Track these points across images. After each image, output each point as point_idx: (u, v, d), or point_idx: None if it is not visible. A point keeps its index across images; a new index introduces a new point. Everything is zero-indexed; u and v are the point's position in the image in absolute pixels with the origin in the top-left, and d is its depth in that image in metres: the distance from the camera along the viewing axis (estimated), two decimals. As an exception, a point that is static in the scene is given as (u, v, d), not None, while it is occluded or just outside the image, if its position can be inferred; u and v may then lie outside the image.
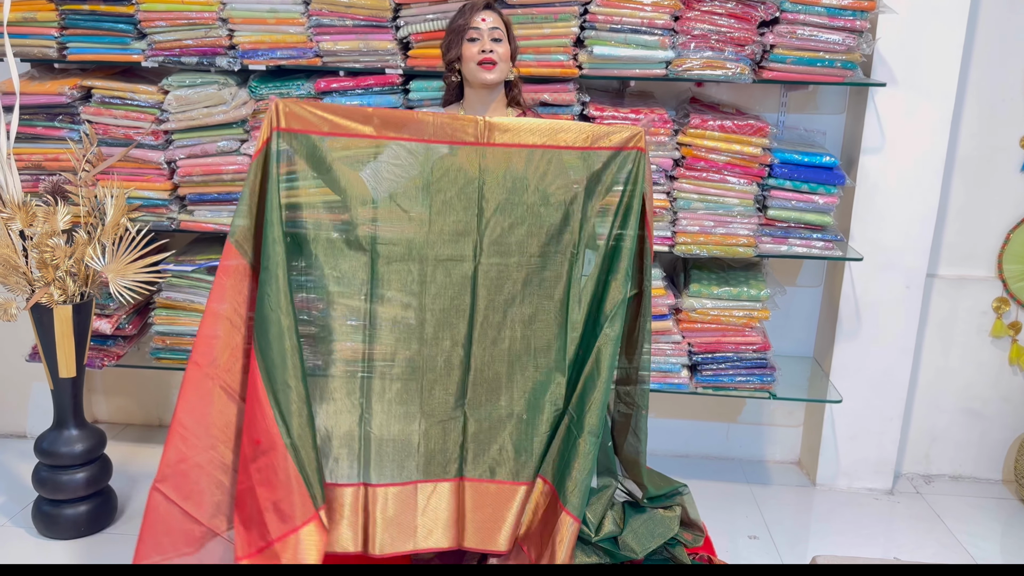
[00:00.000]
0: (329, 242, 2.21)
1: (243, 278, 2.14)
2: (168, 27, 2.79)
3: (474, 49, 2.36)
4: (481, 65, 2.36)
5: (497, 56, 2.36)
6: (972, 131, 3.08)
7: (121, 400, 3.52)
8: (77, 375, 2.69)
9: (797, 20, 2.68)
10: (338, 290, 2.23)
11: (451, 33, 2.41)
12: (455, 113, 2.40)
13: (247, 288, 2.15)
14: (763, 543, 2.83)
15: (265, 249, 2.09)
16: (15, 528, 2.78)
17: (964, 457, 3.32)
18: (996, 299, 3.20)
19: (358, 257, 2.23)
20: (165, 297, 2.97)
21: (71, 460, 2.69)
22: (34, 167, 2.92)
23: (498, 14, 2.41)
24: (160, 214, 2.94)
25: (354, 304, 2.24)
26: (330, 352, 2.25)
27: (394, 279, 2.24)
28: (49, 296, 2.59)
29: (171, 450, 2.12)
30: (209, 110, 2.82)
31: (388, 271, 2.24)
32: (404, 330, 2.26)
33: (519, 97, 2.51)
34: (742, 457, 3.39)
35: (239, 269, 2.13)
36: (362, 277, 2.23)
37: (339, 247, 2.22)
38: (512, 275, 2.28)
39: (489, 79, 2.37)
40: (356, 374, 2.25)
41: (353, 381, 2.25)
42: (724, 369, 2.93)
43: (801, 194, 2.82)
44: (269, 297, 2.08)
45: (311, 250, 2.20)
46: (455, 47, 2.40)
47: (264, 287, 2.09)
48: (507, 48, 2.40)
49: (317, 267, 2.21)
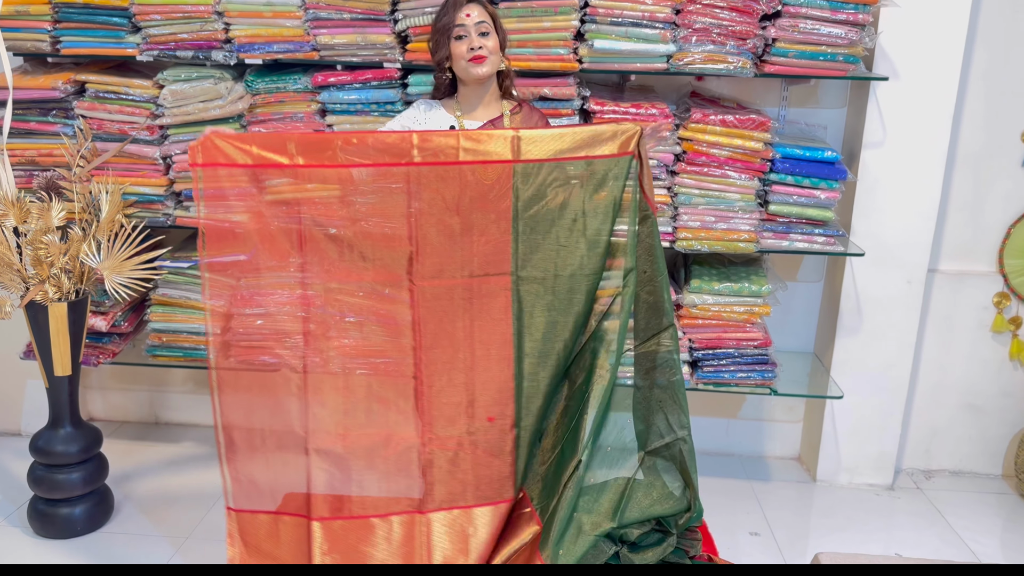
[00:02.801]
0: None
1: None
2: (163, 20, 2.75)
3: (463, 47, 2.35)
4: (472, 61, 2.35)
5: (487, 50, 2.35)
6: (974, 126, 3.07)
7: (117, 398, 3.49)
8: (72, 373, 2.66)
9: (799, 14, 2.66)
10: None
11: (437, 32, 2.38)
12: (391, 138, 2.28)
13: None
14: (764, 540, 2.82)
15: None
16: (11, 528, 2.76)
17: (965, 452, 3.32)
18: (997, 294, 3.19)
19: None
20: (161, 294, 2.95)
21: (67, 459, 2.67)
22: (28, 163, 2.89)
23: (482, 6, 2.38)
24: (155, 210, 2.91)
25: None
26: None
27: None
28: (44, 294, 2.57)
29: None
30: (205, 105, 2.79)
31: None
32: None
33: (512, 88, 2.50)
34: (742, 453, 3.39)
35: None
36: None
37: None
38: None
39: (481, 73, 2.36)
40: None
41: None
42: (725, 365, 2.92)
43: (803, 189, 2.80)
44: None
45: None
46: (443, 47, 2.38)
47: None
48: (495, 40, 2.38)
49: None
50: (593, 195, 2.25)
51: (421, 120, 2.47)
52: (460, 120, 2.45)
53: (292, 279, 2.21)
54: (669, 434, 2.42)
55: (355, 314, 2.23)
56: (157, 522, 2.80)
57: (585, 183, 2.24)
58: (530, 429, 2.32)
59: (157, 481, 3.05)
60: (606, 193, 2.25)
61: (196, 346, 2.96)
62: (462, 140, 2.18)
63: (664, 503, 2.42)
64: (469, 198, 2.19)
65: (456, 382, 2.27)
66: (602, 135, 2.23)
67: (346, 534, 2.26)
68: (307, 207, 2.17)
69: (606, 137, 2.23)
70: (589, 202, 2.25)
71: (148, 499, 2.94)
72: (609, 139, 2.23)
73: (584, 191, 2.25)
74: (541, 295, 2.27)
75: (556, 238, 2.26)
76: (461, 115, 2.46)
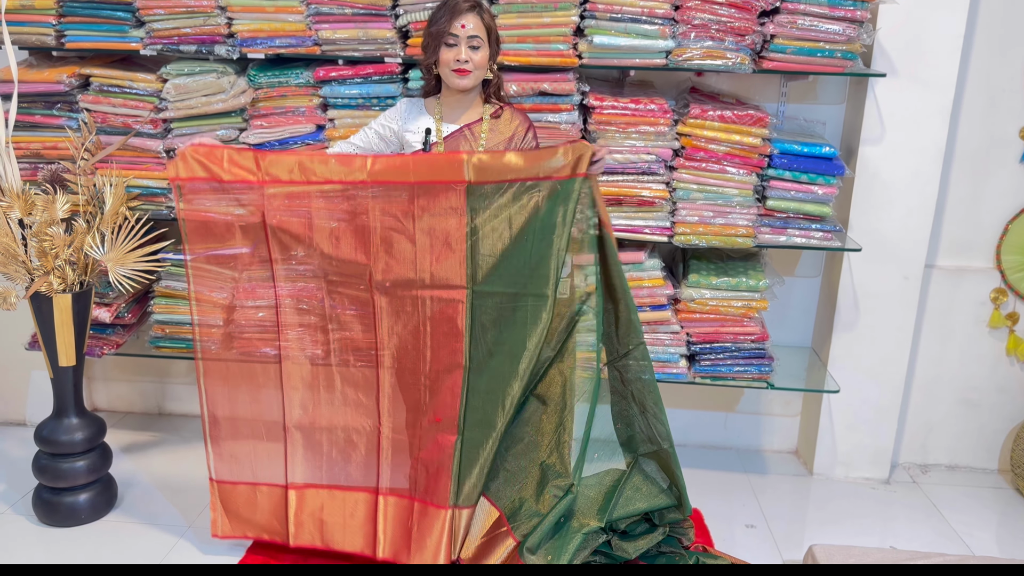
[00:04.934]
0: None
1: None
2: (167, 15, 2.78)
3: (450, 56, 2.37)
4: (455, 72, 2.38)
5: (472, 64, 2.37)
6: (972, 122, 3.08)
7: (121, 388, 3.53)
8: (77, 364, 2.70)
9: (797, 10, 2.67)
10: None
11: (429, 35, 2.40)
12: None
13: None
14: (760, 532, 2.84)
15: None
16: (15, 516, 2.79)
17: (961, 447, 3.33)
18: (994, 290, 3.21)
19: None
20: (164, 286, 2.98)
21: (71, 448, 2.70)
22: (33, 155, 2.92)
23: (480, 18, 2.38)
24: (159, 203, 2.94)
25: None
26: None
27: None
28: (48, 285, 2.60)
29: None
30: (208, 99, 2.81)
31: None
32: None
33: (498, 92, 2.52)
34: (740, 446, 3.41)
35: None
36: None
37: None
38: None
39: (462, 85, 2.40)
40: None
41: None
42: (722, 359, 2.94)
43: (800, 184, 2.82)
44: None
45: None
46: (432, 51, 2.40)
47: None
48: (485, 54, 2.40)
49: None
50: (547, 215, 2.34)
51: (400, 122, 2.51)
52: (438, 124, 2.47)
53: (266, 275, 2.46)
54: (652, 444, 2.53)
55: (328, 310, 2.46)
56: (160, 511, 2.83)
57: (540, 203, 2.34)
58: (475, 441, 2.40)
59: (160, 470, 3.09)
60: (560, 213, 2.34)
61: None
62: (413, 165, 2.34)
63: (651, 499, 2.49)
64: (426, 216, 2.35)
65: (412, 383, 2.46)
66: (555, 156, 2.33)
67: (316, 501, 2.54)
68: (277, 212, 2.41)
69: (558, 158, 2.33)
70: (542, 222, 2.34)
71: (151, 488, 2.97)
72: (561, 160, 2.33)
73: (537, 211, 2.34)
74: (490, 310, 2.38)
75: (509, 255, 2.35)
76: (440, 119, 2.48)
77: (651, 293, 2.90)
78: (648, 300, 2.90)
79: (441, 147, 2.45)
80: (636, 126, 2.77)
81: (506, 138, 2.47)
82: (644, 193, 2.82)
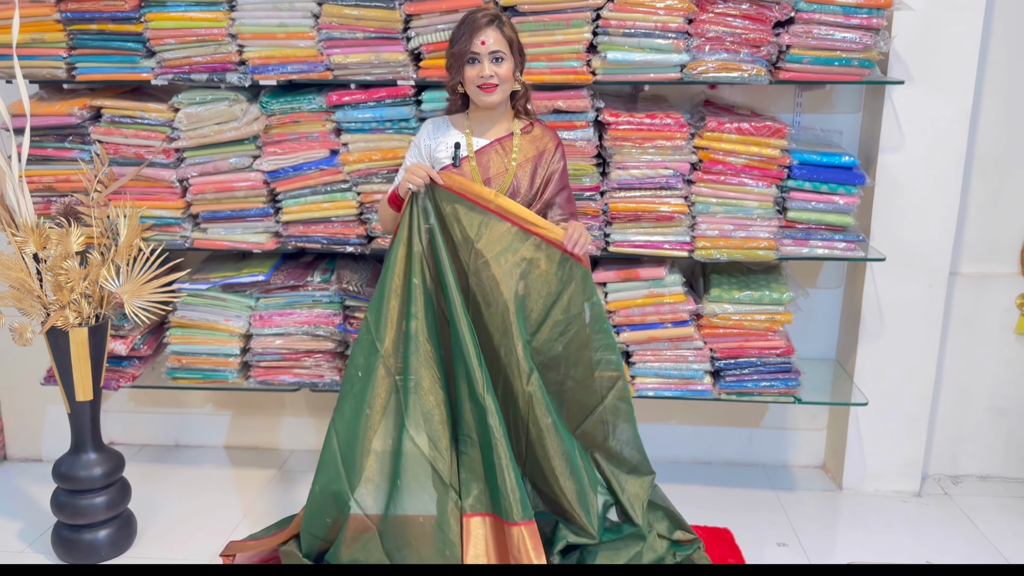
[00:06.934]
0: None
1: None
2: (177, 44, 2.76)
3: (474, 73, 2.37)
4: (481, 89, 2.37)
5: (498, 78, 2.37)
6: (991, 127, 3.05)
7: (137, 421, 3.49)
8: (94, 398, 2.66)
9: (812, 19, 2.65)
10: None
11: (452, 57, 2.40)
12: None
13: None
14: (792, 549, 2.78)
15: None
16: (35, 554, 2.75)
17: (992, 456, 3.27)
18: (1020, 295, 3.16)
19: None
20: (180, 316, 2.95)
21: (90, 484, 2.66)
22: (46, 189, 2.90)
23: (500, 32, 2.38)
24: (173, 233, 2.92)
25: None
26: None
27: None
28: (64, 319, 2.57)
29: None
30: (220, 127, 2.80)
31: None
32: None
33: (527, 105, 2.51)
34: (766, 462, 3.35)
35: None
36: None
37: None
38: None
39: (489, 102, 2.39)
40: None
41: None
42: (748, 374, 2.89)
43: (821, 195, 2.78)
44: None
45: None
46: (456, 71, 2.40)
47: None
48: (509, 66, 2.39)
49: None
50: (538, 264, 2.41)
51: (432, 144, 2.51)
52: (469, 138, 2.47)
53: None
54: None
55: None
56: (180, 545, 2.79)
57: (533, 253, 2.41)
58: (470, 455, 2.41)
59: (179, 504, 3.04)
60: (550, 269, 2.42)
61: (215, 367, 2.96)
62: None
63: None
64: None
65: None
66: (553, 231, 2.41)
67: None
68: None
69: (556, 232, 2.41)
70: (535, 266, 2.41)
71: (170, 523, 2.93)
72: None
73: (531, 259, 2.41)
74: (479, 322, 2.40)
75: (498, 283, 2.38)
76: (470, 132, 2.48)
77: (673, 309, 2.86)
78: (670, 316, 2.86)
79: (472, 161, 2.44)
80: (652, 141, 2.74)
81: (536, 153, 2.46)
82: (662, 208, 2.79)
